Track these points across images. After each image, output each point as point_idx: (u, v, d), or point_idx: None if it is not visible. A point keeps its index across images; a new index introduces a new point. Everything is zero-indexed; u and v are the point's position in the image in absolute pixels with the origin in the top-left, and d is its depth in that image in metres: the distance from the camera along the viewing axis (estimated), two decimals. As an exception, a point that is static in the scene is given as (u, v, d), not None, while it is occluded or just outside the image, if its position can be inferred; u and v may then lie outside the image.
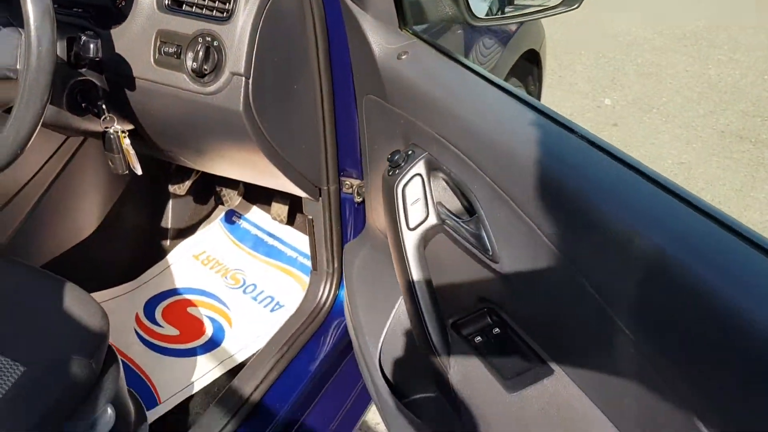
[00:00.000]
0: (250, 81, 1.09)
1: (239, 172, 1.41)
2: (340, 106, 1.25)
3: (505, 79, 1.86)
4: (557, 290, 0.73)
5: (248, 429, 1.29)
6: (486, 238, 0.80)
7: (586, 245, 0.68)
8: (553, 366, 0.78)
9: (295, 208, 1.80)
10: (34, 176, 1.60)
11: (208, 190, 1.90)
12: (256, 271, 1.78)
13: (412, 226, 0.87)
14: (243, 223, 1.89)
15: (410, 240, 0.88)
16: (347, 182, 1.36)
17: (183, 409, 1.46)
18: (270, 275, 1.76)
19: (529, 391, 0.76)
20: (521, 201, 0.73)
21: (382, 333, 1.14)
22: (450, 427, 0.97)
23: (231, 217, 1.92)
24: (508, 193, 0.75)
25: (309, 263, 1.54)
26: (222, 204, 1.92)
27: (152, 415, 1.43)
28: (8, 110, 1.07)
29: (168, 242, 1.88)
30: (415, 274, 0.88)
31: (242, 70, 1.08)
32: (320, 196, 1.38)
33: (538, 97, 2.24)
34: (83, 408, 1.10)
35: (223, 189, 1.87)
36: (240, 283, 1.75)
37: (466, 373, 0.83)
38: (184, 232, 1.90)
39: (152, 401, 1.46)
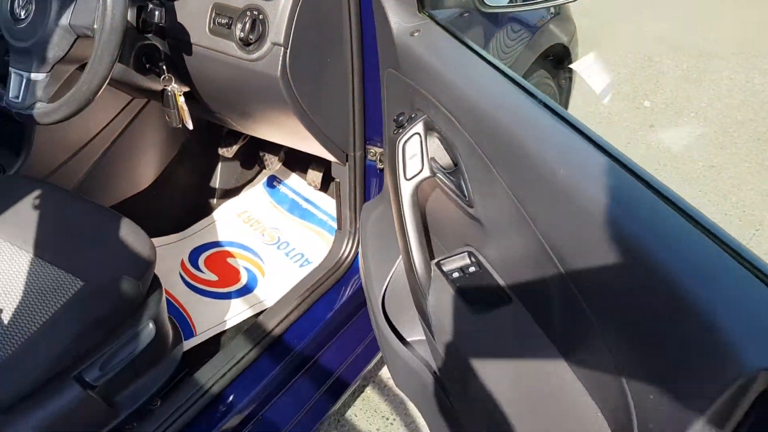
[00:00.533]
0: (288, 51, 1.27)
1: (277, 135, 1.59)
2: (368, 80, 1.42)
3: (532, 72, 1.98)
4: (513, 231, 0.87)
5: (268, 358, 1.47)
6: (464, 185, 0.95)
7: (535, 195, 0.82)
8: (512, 296, 0.92)
9: (328, 176, 1.97)
10: (100, 131, 1.82)
11: (252, 155, 2.09)
12: (290, 230, 1.96)
13: (408, 176, 1.03)
14: (282, 188, 2.08)
15: (406, 189, 1.04)
16: (372, 150, 1.52)
17: (215, 341, 1.65)
18: (302, 235, 1.94)
19: (489, 314, 0.91)
20: (491, 155, 0.88)
21: (386, 279, 1.31)
22: (439, 364, 1.13)
23: (272, 182, 2.10)
24: (481, 149, 0.90)
25: (335, 224, 1.71)
26: (264, 169, 2.11)
27: (188, 344, 1.62)
28: (82, 67, 1.27)
29: (215, 200, 2.08)
30: (408, 217, 1.04)
31: (281, 41, 1.26)
32: (347, 161, 1.54)
33: (568, 93, 2.35)
34: (129, 321, 1.30)
35: (266, 155, 2.06)
36: (275, 240, 1.94)
37: (441, 300, 0.98)
38: (230, 192, 2.10)
39: (189, 332, 1.66)
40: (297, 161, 2.07)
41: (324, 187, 2.01)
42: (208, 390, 1.37)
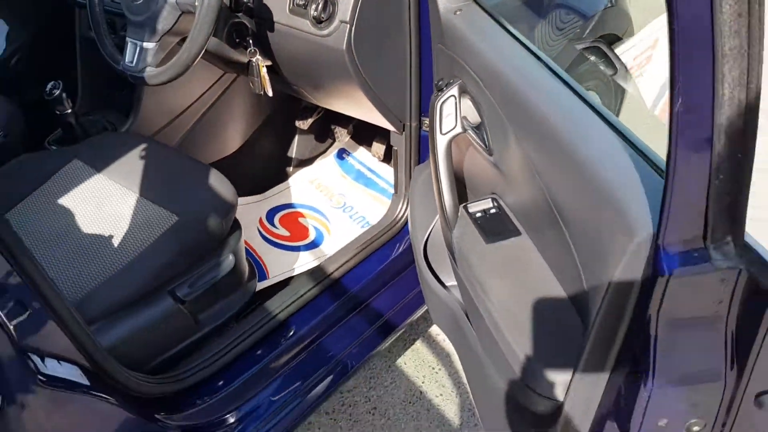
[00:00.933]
0: (353, 28, 1.49)
1: (343, 105, 1.81)
2: (424, 56, 1.62)
3: (582, 61, 2.12)
4: (521, 176, 1.06)
5: (327, 296, 1.70)
6: (486, 137, 1.14)
7: (538, 148, 1.00)
8: (522, 230, 1.10)
9: (390, 149, 2.19)
10: (195, 101, 2.09)
11: (325, 129, 2.33)
12: (354, 196, 2.19)
13: (443, 132, 1.23)
14: (349, 159, 2.31)
15: (441, 142, 1.23)
16: (426, 121, 1.72)
17: (283, 284, 1.89)
18: (365, 200, 2.16)
19: (500, 243, 1.10)
20: (507, 114, 1.07)
21: (428, 229, 1.51)
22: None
23: (341, 154, 2.34)
24: (501, 108, 1.09)
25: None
26: (335, 141, 2.34)
27: (261, 285, 1.87)
28: (183, 41, 1.53)
29: (291, 168, 2.34)
30: (441, 166, 1.23)
31: (348, 19, 1.48)
32: (404, 130, 1.75)
33: (619, 86, 2.46)
34: (214, 251, 1.56)
35: (337, 128, 2.30)
36: (341, 204, 2.17)
37: (463, 233, 1.18)
38: (304, 162, 2.34)
39: (263, 275, 1.92)
40: (363, 135, 2.29)
41: (386, 159, 2.22)
42: (275, 317, 1.60)
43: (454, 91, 1.23)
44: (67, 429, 1.12)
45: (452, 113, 1.23)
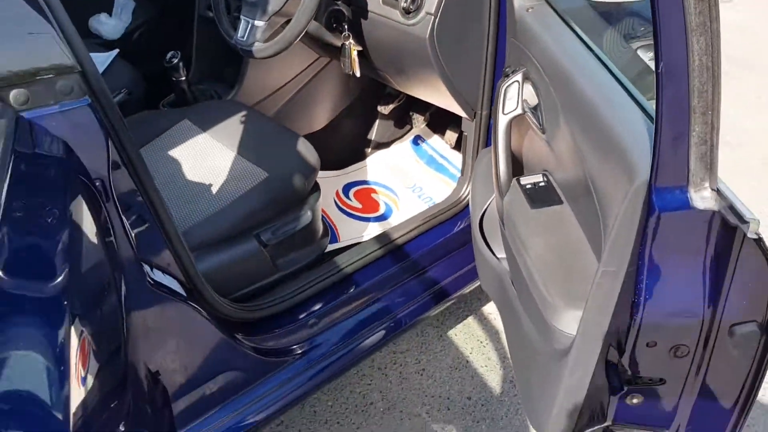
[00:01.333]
0: (437, 19, 1.68)
1: (422, 90, 2.00)
2: (500, 51, 1.79)
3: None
4: (567, 152, 1.22)
5: (390, 258, 1.90)
6: (540, 116, 1.30)
7: (582, 131, 1.16)
8: (564, 200, 1.26)
9: (461, 136, 2.36)
10: (291, 80, 2.34)
11: (404, 115, 2.53)
12: (425, 179, 2.37)
13: (505, 112, 1.40)
14: (423, 145, 2.50)
15: (502, 121, 1.41)
16: (496, 110, 1.89)
17: (352, 248, 2.09)
18: (434, 183, 2.34)
19: (544, 209, 1.26)
20: (561, 99, 1.23)
21: (486, 203, 1.68)
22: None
23: (416, 140, 2.53)
24: (555, 93, 1.25)
25: (462, 175, 2.09)
26: (412, 128, 2.54)
27: (332, 246, 2.08)
28: (287, 23, 1.76)
29: (369, 149, 2.55)
30: (500, 142, 1.40)
31: (433, 11, 1.67)
32: (474, 118, 1.92)
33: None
34: (295, 206, 1.78)
35: (414, 115, 2.49)
36: (412, 185, 2.36)
37: (513, 199, 1.34)
38: (382, 144, 2.55)
39: (334, 238, 2.13)
40: (438, 123, 2.47)
41: (457, 146, 2.39)
42: (342, 270, 1.81)
43: (519, 77, 1.40)
44: (164, 327, 1.35)
45: (515, 96, 1.40)
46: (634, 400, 0.98)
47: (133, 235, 1.26)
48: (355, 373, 2.07)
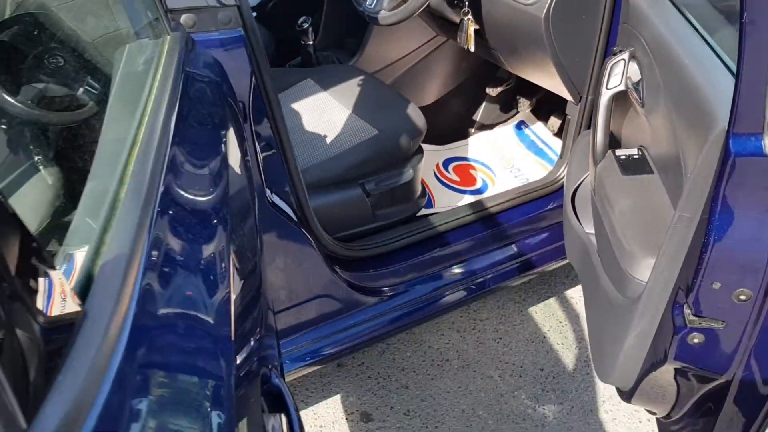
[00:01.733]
0: (554, 1, 1.78)
1: (531, 71, 2.10)
2: (612, 36, 1.86)
3: None
4: (660, 122, 1.29)
5: (480, 224, 2.01)
6: (642, 92, 1.38)
7: (679, 110, 1.24)
8: (654, 171, 1.34)
9: (563, 125, 2.43)
10: (406, 55, 2.49)
11: (510, 99, 2.62)
12: (524, 161, 2.46)
13: (609, 87, 1.49)
14: (526, 130, 2.59)
15: (605, 95, 1.49)
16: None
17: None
18: (532, 166, 2.43)
19: (634, 176, 1.34)
20: (663, 78, 1.31)
21: (579, 179, 1.76)
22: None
23: (520, 125, 2.63)
24: (659, 70, 1.33)
25: (562, 162, 2.16)
26: (518, 113, 2.63)
27: (427, 211, 2.21)
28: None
29: (472, 129, 2.66)
30: (601, 114, 1.49)
31: (551, -8, 1.77)
32: (579, 101, 2.00)
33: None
34: (399, 163, 1.93)
35: (521, 99, 2.59)
36: (510, 165, 2.46)
37: (606, 166, 1.43)
38: (485, 126, 2.66)
39: (430, 204, 2.26)
40: (543, 109, 2.56)
41: (559, 133, 2.47)
42: (435, 228, 1.94)
43: (625, 55, 1.48)
44: (276, 245, 1.53)
45: (620, 73, 1.48)
46: (695, 340, 1.04)
47: (261, 157, 1.44)
48: (435, 331, 2.20)
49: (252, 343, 0.85)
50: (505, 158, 2.50)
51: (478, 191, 2.36)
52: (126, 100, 0.96)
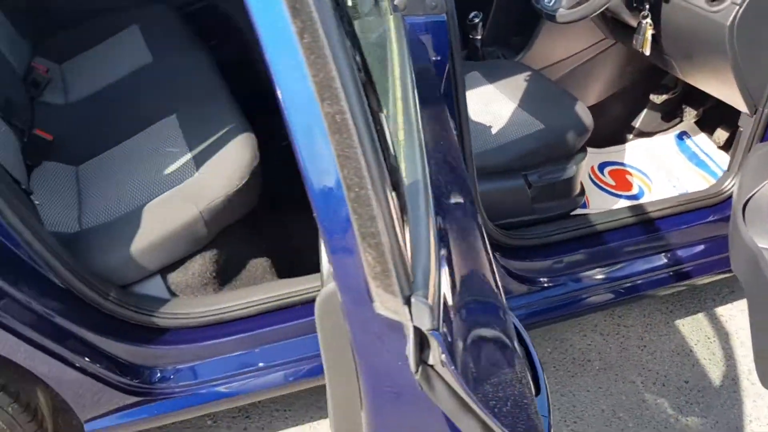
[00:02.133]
0: (741, 9, 1.74)
1: (705, 79, 2.06)
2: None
3: None
4: None
5: (637, 228, 2.00)
6: None
7: None
8: None
9: (731, 138, 2.35)
10: (572, 55, 2.51)
11: (675, 108, 2.57)
12: (684, 172, 2.41)
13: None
14: (688, 141, 2.53)
15: None
16: (782, 110, 1.90)
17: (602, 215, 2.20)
18: (692, 177, 2.37)
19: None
20: None
21: (752, 190, 1.72)
22: None
23: (681, 135, 2.57)
24: None
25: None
26: (681, 122, 2.58)
27: (581, 211, 2.21)
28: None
29: (631, 135, 2.63)
30: None
31: (739, 1, 1.74)
32: (755, 113, 1.95)
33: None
34: (562, 159, 1.96)
35: (687, 109, 2.53)
36: (668, 174, 2.42)
37: None
38: (645, 133, 2.62)
39: (584, 205, 2.26)
40: (708, 122, 2.49)
41: (726, 147, 2.40)
42: (590, 227, 1.94)
43: None
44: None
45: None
46: None
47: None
48: (577, 331, 2.21)
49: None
50: (664, 167, 2.46)
51: (634, 197, 2.34)
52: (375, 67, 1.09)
